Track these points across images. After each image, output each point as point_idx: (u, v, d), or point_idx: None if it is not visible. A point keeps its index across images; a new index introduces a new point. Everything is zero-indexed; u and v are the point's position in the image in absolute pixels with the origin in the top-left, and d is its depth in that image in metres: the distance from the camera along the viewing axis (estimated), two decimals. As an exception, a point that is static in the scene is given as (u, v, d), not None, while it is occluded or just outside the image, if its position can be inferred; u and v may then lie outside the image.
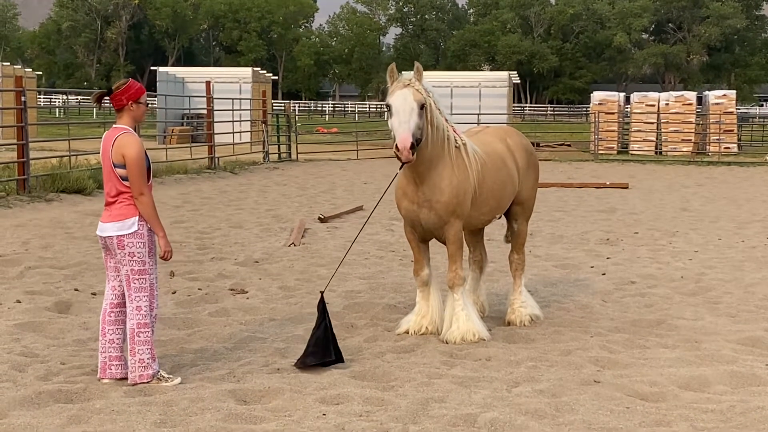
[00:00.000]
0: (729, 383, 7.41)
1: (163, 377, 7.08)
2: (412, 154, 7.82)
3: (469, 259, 9.75)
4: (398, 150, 7.82)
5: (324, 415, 6.50)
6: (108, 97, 7.20)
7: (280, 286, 11.11)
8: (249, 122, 36.99)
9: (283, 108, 61.31)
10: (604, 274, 12.31)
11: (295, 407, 6.65)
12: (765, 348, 8.55)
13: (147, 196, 7.02)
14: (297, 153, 34.85)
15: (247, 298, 10.42)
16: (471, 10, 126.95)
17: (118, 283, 7.14)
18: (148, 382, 6.98)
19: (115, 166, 6.97)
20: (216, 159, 28.43)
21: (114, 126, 7.17)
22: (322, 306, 7.99)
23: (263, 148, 33.00)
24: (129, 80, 7.28)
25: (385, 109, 8.16)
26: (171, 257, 7.19)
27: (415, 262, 8.93)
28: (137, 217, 6.98)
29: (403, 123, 7.89)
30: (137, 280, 6.99)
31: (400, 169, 8.31)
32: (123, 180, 6.97)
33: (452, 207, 8.47)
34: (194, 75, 45.82)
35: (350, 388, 7.07)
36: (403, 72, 8.39)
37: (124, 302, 7.12)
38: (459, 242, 8.68)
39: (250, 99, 40.09)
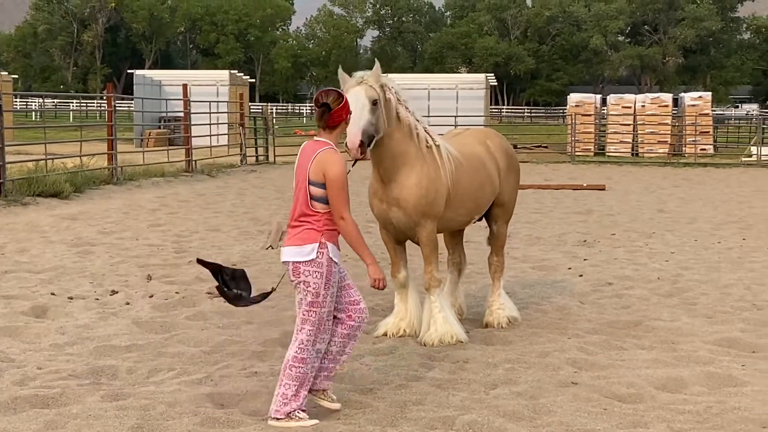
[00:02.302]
0: (705, 384, 7.44)
1: (297, 416, 6.40)
2: (361, 153, 7.65)
3: (447, 261, 9.76)
4: (348, 148, 7.72)
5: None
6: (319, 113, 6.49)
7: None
8: (226, 125, 36.89)
9: (260, 110, 61.17)
10: (581, 275, 12.35)
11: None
12: (741, 349, 8.60)
13: (349, 220, 6.35)
14: (274, 155, 34.78)
15: (225, 302, 10.36)
16: (448, 13, 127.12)
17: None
18: (281, 419, 6.37)
19: (310, 183, 6.34)
20: (193, 162, 28.34)
21: (315, 139, 6.52)
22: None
23: (241, 151, 32.94)
24: (339, 93, 6.58)
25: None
26: (384, 286, 6.53)
27: (391, 264, 8.92)
28: (317, 244, 6.31)
29: (353, 121, 7.68)
30: (306, 311, 6.37)
31: (353, 165, 8.18)
32: (312, 199, 6.34)
33: (421, 207, 8.43)
34: (171, 78, 45.69)
35: (328, 392, 7.06)
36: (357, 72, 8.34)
37: (338, 316, 6.58)
38: (432, 244, 8.68)
39: (227, 102, 40.02)
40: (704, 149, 40.82)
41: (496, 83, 62.62)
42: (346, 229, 6.36)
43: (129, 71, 56.68)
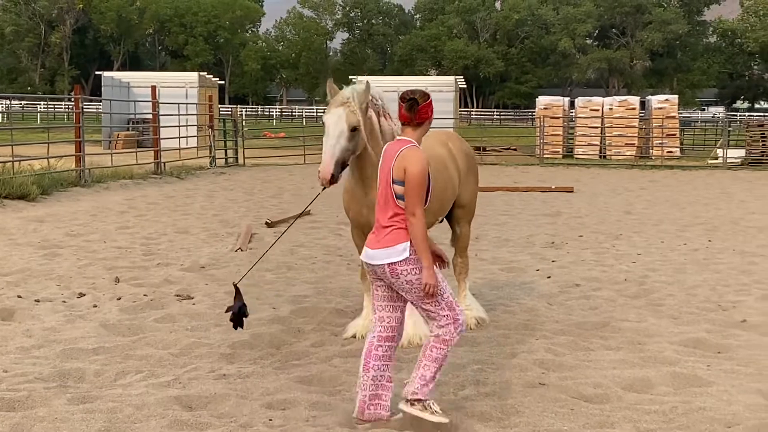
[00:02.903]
0: (671, 384, 7.50)
1: (431, 407, 6.29)
2: (330, 183, 7.58)
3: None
4: (320, 175, 7.58)
5: (270, 420, 6.49)
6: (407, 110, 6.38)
7: (227, 292, 11.04)
8: (195, 127, 36.79)
9: (229, 112, 60.99)
10: (549, 277, 12.40)
11: (241, 413, 6.63)
12: (706, 349, 8.68)
13: (420, 217, 6.19)
14: (244, 158, 34.73)
15: (193, 304, 10.36)
16: (417, 15, 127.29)
17: (389, 314, 6.45)
18: (419, 400, 6.24)
19: (393, 182, 6.25)
20: (162, 164, 28.25)
21: (398, 138, 6.42)
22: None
23: (210, 153, 32.87)
24: (425, 92, 6.47)
25: (322, 124, 7.99)
26: (432, 292, 6.22)
27: (363, 266, 8.93)
28: (408, 243, 6.20)
29: (327, 150, 7.63)
30: (429, 303, 6.23)
31: (322, 190, 8.14)
32: (398, 198, 6.24)
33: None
34: (140, 79, 45.53)
35: (297, 393, 7.07)
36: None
37: (395, 336, 6.47)
38: None
39: (196, 104, 39.90)
40: (671, 152, 41.11)
41: (465, 86, 62.74)
42: (416, 225, 6.20)
43: (97, 73, 56.42)
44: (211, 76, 52.82)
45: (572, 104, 46.65)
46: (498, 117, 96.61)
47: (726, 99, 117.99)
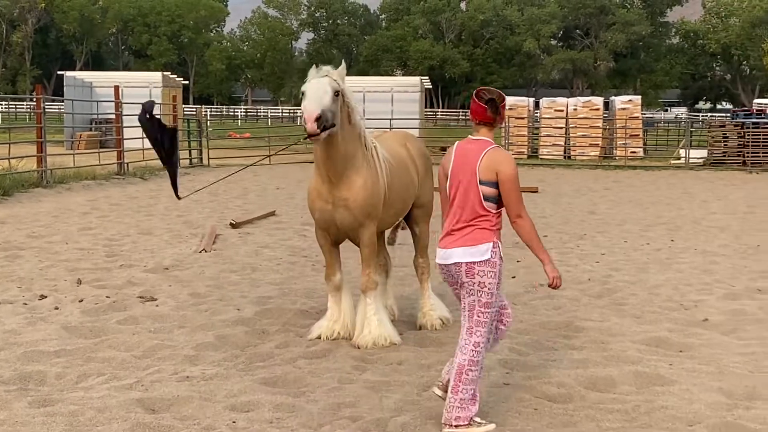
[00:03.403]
0: (634, 383, 7.55)
1: (477, 422, 6.30)
2: (318, 128, 7.68)
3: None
4: (305, 122, 7.69)
5: (234, 422, 6.46)
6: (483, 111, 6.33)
7: (191, 293, 11.01)
8: (159, 127, 36.52)
9: (194, 113, 60.73)
10: (513, 277, 12.44)
11: (205, 415, 6.60)
12: (669, 348, 8.74)
13: (527, 218, 6.24)
14: (209, 158, 34.58)
15: (157, 306, 10.30)
16: (383, 16, 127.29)
17: None
18: (461, 426, 6.21)
19: (481, 183, 6.18)
20: (125, 164, 28.07)
21: (472, 138, 6.36)
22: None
23: (174, 154, 32.63)
24: (500, 92, 6.45)
25: (301, 96, 8.02)
26: (560, 284, 6.39)
27: (327, 266, 8.92)
28: (491, 244, 6.18)
29: (311, 100, 7.75)
30: (482, 313, 6.25)
31: (303, 140, 8.12)
32: (485, 200, 6.20)
33: (368, 208, 8.50)
34: (102, 79, 45.18)
35: (261, 395, 7.04)
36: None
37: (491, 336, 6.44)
38: (373, 245, 8.73)
39: (160, 104, 39.64)
40: (634, 152, 41.36)
41: (430, 86, 62.86)
42: (525, 227, 6.24)
43: (59, 72, 55.86)
44: (175, 76, 52.54)
45: (537, 105, 46.80)
46: (463, 117, 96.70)
47: (688, 100, 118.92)
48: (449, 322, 9.52)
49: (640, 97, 46.59)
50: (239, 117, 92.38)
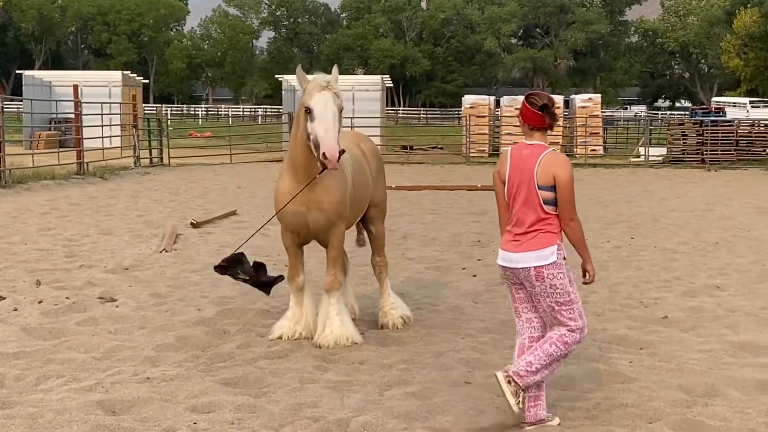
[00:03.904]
0: (594, 381, 7.59)
1: (519, 395, 6.31)
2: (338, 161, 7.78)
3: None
4: (326, 158, 7.71)
5: (195, 423, 6.43)
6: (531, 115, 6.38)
7: (151, 294, 10.94)
8: (119, 126, 36.35)
9: (154, 112, 60.37)
10: (475, 275, 12.48)
11: (165, 417, 6.56)
12: (629, 346, 8.80)
13: (578, 220, 6.34)
14: (169, 157, 34.40)
15: (117, 307, 10.23)
16: (344, 14, 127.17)
17: (535, 315, 6.48)
18: (520, 386, 6.24)
19: (539, 188, 6.26)
20: (85, 164, 27.87)
21: (526, 143, 6.41)
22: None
23: (134, 153, 32.48)
24: (550, 96, 6.55)
25: (306, 112, 7.97)
26: (593, 281, 6.53)
27: (291, 267, 8.87)
28: (556, 247, 6.25)
29: (329, 130, 7.78)
30: (564, 311, 6.28)
31: (319, 173, 8.16)
32: (545, 204, 6.27)
33: (340, 209, 8.53)
34: (62, 78, 44.80)
35: (222, 396, 7.01)
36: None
37: (543, 335, 6.45)
38: (341, 246, 8.76)
39: (120, 103, 39.41)
40: (594, 150, 41.63)
41: (392, 85, 62.86)
42: (576, 229, 6.34)
43: (18, 72, 55.33)
44: (135, 75, 52.21)
45: (498, 103, 46.99)
46: (425, 116, 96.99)
47: (648, 98, 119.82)
48: (410, 320, 9.54)
49: (599, 95, 46.94)
50: (200, 116, 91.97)
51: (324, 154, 7.74)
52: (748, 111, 48.59)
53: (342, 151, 7.88)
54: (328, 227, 8.56)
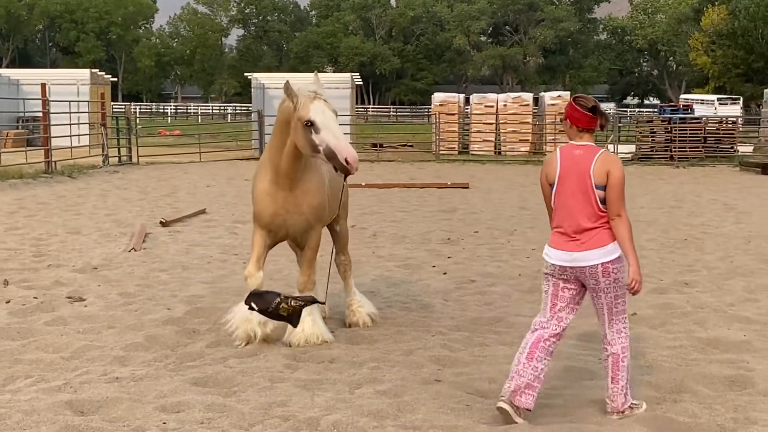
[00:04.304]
0: (564, 378, 7.62)
1: (635, 404, 6.69)
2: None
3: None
4: (348, 164, 7.68)
5: (164, 423, 6.40)
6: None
7: (120, 293, 10.89)
8: (87, 125, 36.12)
9: (123, 110, 60.07)
10: (445, 273, 12.50)
11: (134, 417, 6.52)
12: (598, 342, 8.77)
13: (626, 218, 6.45)
14: (138, 156, 34.21)
15: (85, 306, 10.17)
16: (313, 12, 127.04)
17: (567, 315, 6.62)
18: (627, 410, 6.59)
19: (596, 187, 6.40)
20: (53, 163, 27.67)
21: (576, 144, 6.54)
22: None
23: (103, 152, 32.30)
24: (590, 96, 6.73)
25: (307, 125, 7.85)
26: (639, 289, 6.46)
27: (253, 263, 8.61)
28: (615, 243, 6.43)
29: (339, 137, 7.77)
30: (619, 304, 6.53)
31: (345, 179, 8.24)
32: (601, 202, 6.42)
33: (319, 212, 8.55)
34: (29, 77, 44.46)
35: (191, 396, 6.98)
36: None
37: (562, 335, 6.69)
38: (317, 248, 8.77)
39: (88, 101, 39.18)
40: (564, 147, 41.74)
41: (361, 83, 62.83)
42: (624, 225, 6.42)
43: (-16, 70, 54.89)
44: (104, 73, 51.86)
45: (467, 101, 47.04)
46: (394, 114, 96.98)
47: (616, 95, 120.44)
48: (377, 318, 9.53)
49: (569, 92, 47.10)
50: (169, 114, 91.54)
51: (346, 159, 7.68)
52: (716, 108, 49.05)
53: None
54: (307, 230, 8.56)
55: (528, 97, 43.73)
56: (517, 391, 6.51)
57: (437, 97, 44.69)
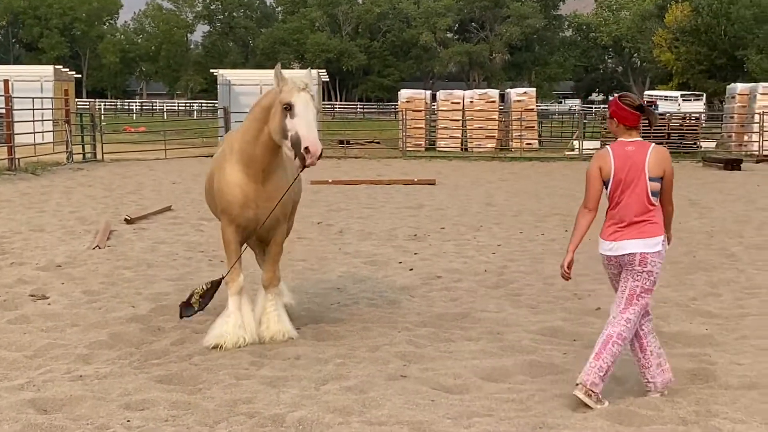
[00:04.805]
0: (529, 373, 7.66)
1: (600, 399, 6.73)
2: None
3: (257, 260, 9.69)
4: (308, 152, 7.63)
5: (128, 421, 6.37)
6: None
7: (84, 291, 10.81)
8: (51, 122, 35.84)
9: (87, 106, 59.62)
10: (411, 269, 12.51)
11: (98, 415, 6.49)
12: (563, 337, 8.89)
13: (674, 206, 7.05)
14: (103, 153, 33.96)
15: (49, 304, 10.09)
16: (279, 8, 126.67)
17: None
18: (593, 394, 6.67)
19: (650, 180, 6.77)
20: (16, 160, 27.43)
21: (626, 140, 6.87)
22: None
23: (67, 149, 32.03)
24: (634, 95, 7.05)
25: (285, 108, 7.83)
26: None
27: (233, 269, 8.57)
28: (662, 237, 6.81)
29: (312, 129, 7.72)
30: (642, 296, 6.80)
31: (301, 171, 8.08)
32: (652, 195, 6.80)
33: (288, 205, 8.58)
34: (-8, 73, 44.03)
35: (156, 393, 6.96)
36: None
37: (648, 311, 6.98)
38: (282, 243, 8.75)
39: (52, 98, 38.86)
40: (530, 143, 41.92)
41: (328, 79, 62.73)
42: (672, 212, 7.04)
43: (-54, 66, 54.30)
44: (68, 69, 51.45)
45: (434, 97, 47.10)
46: (361, 110, 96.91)
47: (582, 92, 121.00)
48: (293, 308, 9.39)
49: (534, 89, 47.23)
50: (134, 111, 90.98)
51: (307, 148, 7.63)
52: (679, 104, 49.38)
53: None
54: (275, 225, 8.53)
55: (494, 93, 43.85)
56: (657, 379, 6.97)
57: (404, 93, 44.69)
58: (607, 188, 6.89)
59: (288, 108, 7.82)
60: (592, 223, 6.99)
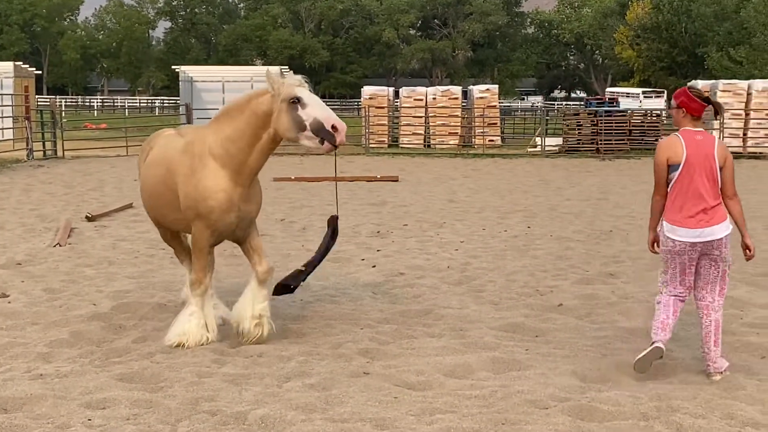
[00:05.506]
0: (491, 369, 7.68)
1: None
2: None
3: (178, 258, 9.68)
4: (335, 130, 7.82)
5: (89, 420, 6.33)
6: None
7: (45, 289, 10.73)
8: (11, 118, 35.50)
9: (48, 103, 59.10)
10: (374, 266, 12.52)
11: (59, 413, 6.44)
12: (525, 333, 8.93)
13: (737, 196, 7.33)
14: (63, 150, 33.70)
15: (9, 302, 10.00)
16: (241, 5, 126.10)
17: (691, 281, 7.39)
18: (725, 372, 7.35)
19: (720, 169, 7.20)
20: (-25, 157, 27.16)
21: (693, 130, 7.28)
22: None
23: (27, 146, 31.75)
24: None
25: (293, 103, 7.93)
26: (754, 255, 7.47)
27: (200, 270, 8.47)
28: (727, 219, 7.25)
29: (326, 109, 7.95)
30: (723, 278, 7.37)
31: (335, 150, 8.12)
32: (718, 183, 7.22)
33: (260, 202, 8.67)
34: (-49, 70, 43.54)
35: (117, 391, 6.91)
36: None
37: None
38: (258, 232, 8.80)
39: (11, 94, 38.48)
40: (492, 140, 42.03)
41: (290, 76, 62.54)
42: (739, 203, 7.33)
43: None
44: (28, 65, 50.96)
45: (397, 94, 47.09)
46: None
47: (544, 88, 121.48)
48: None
49: (497, 86, 47.33)
50: (95, 107, 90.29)
51: (333, 125, 7.82)
52: (641, 101, 49.57)
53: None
54: (247, 227, 8.51)
55: (457, 90, 43.89)
56: (716, 361, 7.36)
57: (367, 90, 44.65)
58: (672, 174, 7.22)
59: (296, 101, 7.97)
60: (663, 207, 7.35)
